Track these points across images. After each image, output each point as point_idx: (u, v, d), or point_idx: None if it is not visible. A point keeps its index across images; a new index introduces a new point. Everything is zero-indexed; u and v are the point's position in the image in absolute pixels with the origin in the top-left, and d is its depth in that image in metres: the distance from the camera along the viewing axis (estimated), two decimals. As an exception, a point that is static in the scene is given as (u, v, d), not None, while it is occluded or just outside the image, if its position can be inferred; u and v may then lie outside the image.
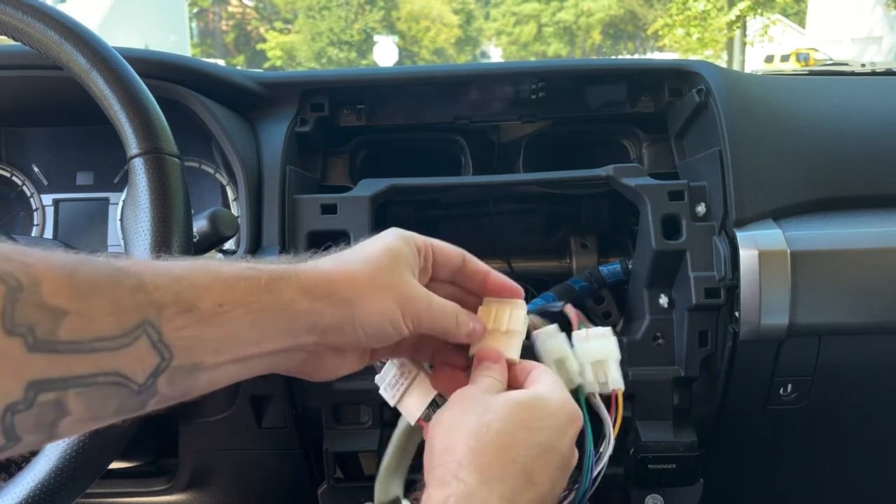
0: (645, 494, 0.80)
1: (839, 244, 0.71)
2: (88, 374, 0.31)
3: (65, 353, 0.30)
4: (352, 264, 0.43)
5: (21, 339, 0.29)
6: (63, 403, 0.31)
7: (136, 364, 0.33)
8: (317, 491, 0.80)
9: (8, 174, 0.89)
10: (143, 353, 0.33)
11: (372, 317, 0.42)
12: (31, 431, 0.31)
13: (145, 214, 0.56)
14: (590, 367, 0.50)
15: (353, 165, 0.93)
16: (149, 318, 0.33)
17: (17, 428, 0.30)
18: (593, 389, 0.50)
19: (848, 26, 18.78)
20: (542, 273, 0.93)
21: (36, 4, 0.57)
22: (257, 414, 0.80)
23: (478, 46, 39.70)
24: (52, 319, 0.30)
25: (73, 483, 0.55)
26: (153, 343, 0.33)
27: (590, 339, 0.51)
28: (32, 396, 0.30)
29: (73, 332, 0.31)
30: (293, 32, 32.68)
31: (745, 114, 0.77)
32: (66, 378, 0.31)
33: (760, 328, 0.70)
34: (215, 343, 0.37)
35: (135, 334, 0.33)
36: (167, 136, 0.58)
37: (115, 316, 0.32)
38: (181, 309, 0.35)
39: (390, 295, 0.43)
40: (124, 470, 0.87)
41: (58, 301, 0.30)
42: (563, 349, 0.50)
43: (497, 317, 0.49)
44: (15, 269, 0.30)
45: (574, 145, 0.96)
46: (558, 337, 0.51)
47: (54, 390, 0.30)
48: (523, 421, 0.42)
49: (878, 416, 0.86)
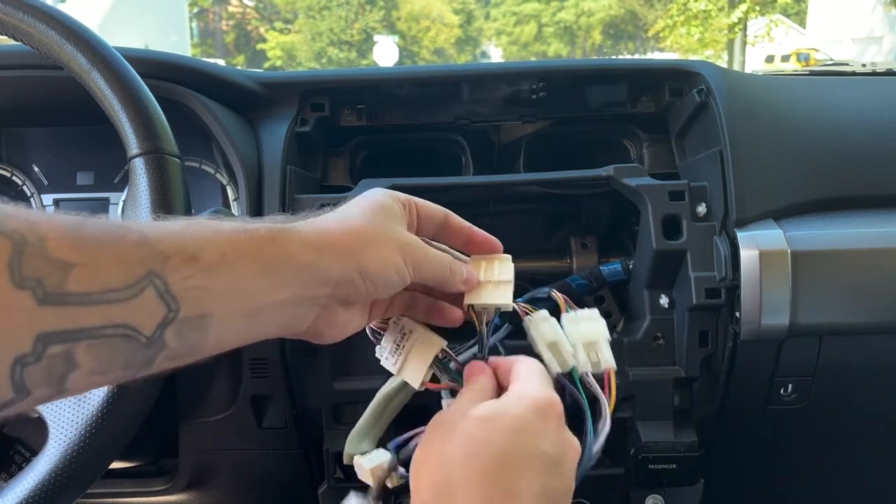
0: (645, 494, 0.80)
1: (840, 244, 0.71)
2: (97, 325, 0.31)
3: (74, 304, 0.30)
4: (350, 218, 0.44)
5: (30, 291, 0.29)
6: (72, 356, 0.31)
7: (143, 315, 0.33)
8: (317, 491, 0.80)
9: (8, 174, 0.89)
10: (150, 304, 0.33)
11: (377, 265, 0.43)
12: (41, 385, 0.30)
13: (146, 214, 0.56)
14: (582, 348, 0.50)
15: (354, 165, 0.93)
16: (154, 268, 0.33)
17: (27, 381, 0.30)
18: (586, 369, 0.50)
19: (848, 26, 18.78)
20: (542, 273, 0.93)
21: (37, 4, 0.57)
22: (257, 414, 0.80)
23: (478, 46, 39.69)
24: (59, 272, 0.30)
25: (73, 483, 0.56)
26: (160, 293, 0.33)
27: (579, 320, 0.51)
28: (41, 349, 0.30)
29: (81, 283, 0.31)
30: (293, 32, 32.69)
31: (745, 114, 0.77)
32: (75, 330, 0.30)
33: (761, 328, 0.70)
34: (222, 293, 0.36)
35: (141, 285, 0.33)
36: (168, 136, 0.58)
37: (122, 267, 0.32)
38: (185, 259, 0.35)
39: (391, 244, 0.44)
40: (124, 470, 0.87)
41: (64, 254, 0.30)
42: (555, 332, 0.50)
43: (487, 269, 0.51)
44: (19, 225, 0.30)
45: (574, 145, 0.96)
46: (550, 321, 0.51)
47: (63, 342, 0.30)
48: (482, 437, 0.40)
49: (878, 416, 0.86)
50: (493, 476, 0.38)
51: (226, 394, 0.78)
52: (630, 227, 0.91)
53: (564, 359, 0.49)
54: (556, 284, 0.83)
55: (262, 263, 0.38)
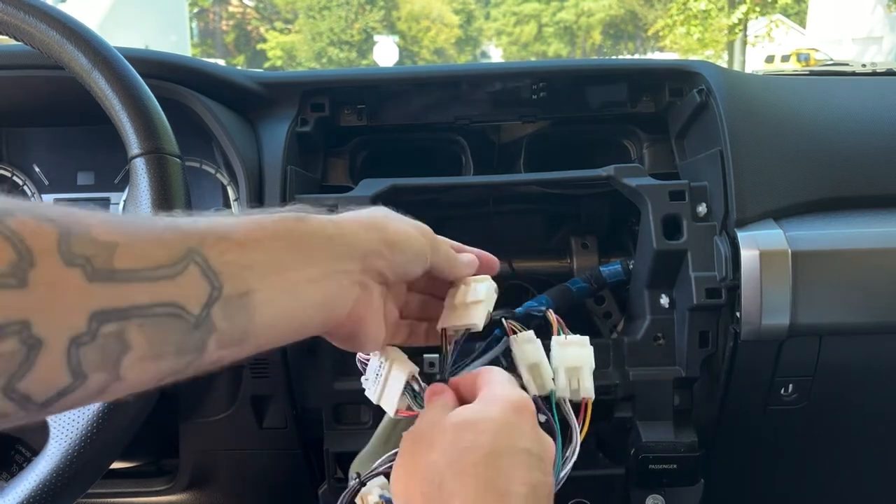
0: (646, 495, 0.80)
1: (840, 244, 0.71)
2: (147, 304, 0.31)
3: (123, 281, 0.31)
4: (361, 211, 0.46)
5: (80, 269, 0.29)
6: (125, 336, 0.31)
7: (189, 293, 0.33)
8: (317, 491, 0.80)
9: (9, 174, 0.89)
10: (195, 282, 0.33)
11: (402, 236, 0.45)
12: (98, 368, 0.30)
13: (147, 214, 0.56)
14: (564, 372, 0.50)
15: (354, 165, 0.93)
16: (193, 246, 0.34)
17: (84, 363, 0.30)
18: (564, 395, 0.50)
19: (848, 26, 18.78)
20: (542, 273, 0.93)
21: (38, 4, 0.57)
22: (258, 414, 0.80)
23: (478, 46, 39.68)
24: (106, 251, 0.30)
25: (74, 483, 0.56)
26: (203, 271, 0.34)
27: (568, 344, 0.51)
28: (96, 328, 0.30)
29: (127, 261, 0.31)
30: (293, 32, 32.69)
31: (745, 114, 0.77)
32: (126, 308, 0.31)
33: (761, 328, 0.70)
34: (259, 268, 0.36)
35: (185, 262, 0.33)
36: (168, 136, 0.58)
37: (163, 247, 0.33)
38: (219, 237, 0.35)
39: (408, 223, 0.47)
40: (125, 470, 0.87)
41: (108, 237, 0.31)
42: (537, 354, 0.50)
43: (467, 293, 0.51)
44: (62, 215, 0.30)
45: (575, 145, 0.96)
46: (534, 343, 0.51)
47: (116, 320, 0.30)
48: (465, 442, 0.40)
49: (878, 416, 0.86)
50: (484, 478, 0.38)
51: (226, 394, 0.78)
52: (630, 227, 0.91)
53: (543, 382, 0.49)
54: (556, 290, 0.82)
55: (289, 240, 0.39)
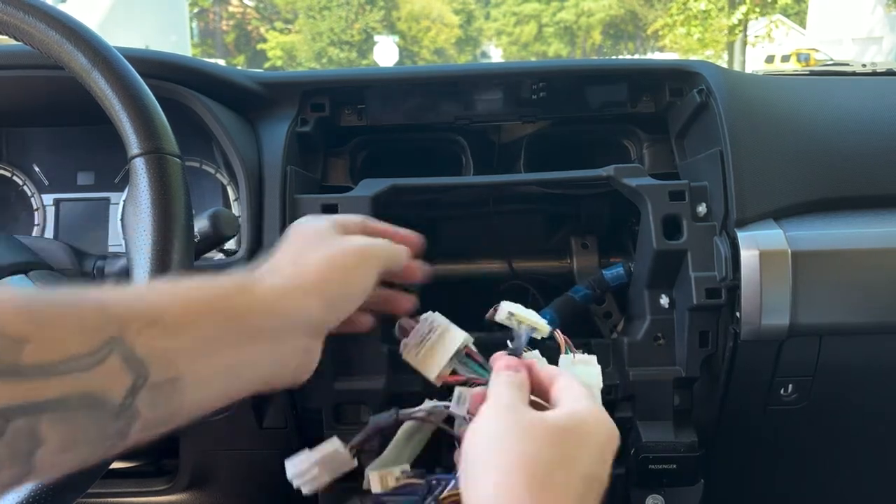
0: (646, 495, 0.80)
1: (840, 244, 0.71)
2: (58, 398, 0.30)
3: (31, 377, 0.29)
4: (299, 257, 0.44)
5: None
6: (36, 431, 0.30)
7: (109, 383, 0.32)
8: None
9: (9, 174, 0.89)
10: (115, 370, 0.32)
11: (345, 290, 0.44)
12: (7, 464, 0.29)
13: (146, 214, 0.56)
14: None
15: (354, 165, 0.93)
16: (115, 334, 0.32)
17: None
18: None
19: (848, 26, 18.78)
20: (542, 273, 0.93)
21: (37, 4, 0.57)
22: (258, 414, 0.80)
23: (478, 46, 39.68)
24: (13, 346, 0.29)
25: (73, 483, 0.55)
26: (125, 358, 0.32)
27: (576, 364, 0.51)
28: (4, 424, 0.28)
29: (38, 354, 0.30)
30: (293, 32, 32.69)
31: (745, 114, 0.77)
32: (35, 403, 0.29)
33: (761, 328, 0.70)
34: (190, 352, 0.35)
35: (104, 351, 0.31)
36: (168, 136, 0.58)
37: (81, 335, 0.31)
38: (147, 322, 0.34)
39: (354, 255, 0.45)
40: (124, 470, 0.87)
41: (17, 329, 0.29)
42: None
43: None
44: None
45: (575, 145, 0.96)
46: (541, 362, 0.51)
47: (25, 416, 0.29)
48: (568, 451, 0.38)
49: (878, 416, 0.86)
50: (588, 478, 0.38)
51: (226, 394, 0.78)
52: (630, 228, 0.91)
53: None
54: (560, 302, 0.82)
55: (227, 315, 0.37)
